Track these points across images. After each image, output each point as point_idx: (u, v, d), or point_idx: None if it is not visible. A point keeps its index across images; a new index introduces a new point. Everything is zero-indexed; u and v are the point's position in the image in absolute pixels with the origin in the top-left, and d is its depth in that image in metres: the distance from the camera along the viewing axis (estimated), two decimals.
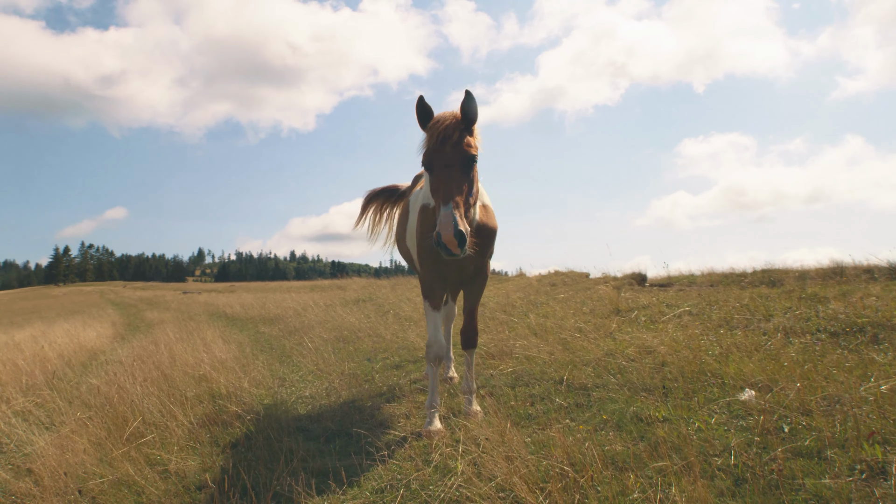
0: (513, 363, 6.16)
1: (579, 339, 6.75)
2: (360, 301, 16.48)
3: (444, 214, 3.68)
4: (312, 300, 18.05)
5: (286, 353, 8.94)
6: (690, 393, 4.59)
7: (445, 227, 3.63)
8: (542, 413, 4.61)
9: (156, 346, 8.81)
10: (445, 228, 3.63)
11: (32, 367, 9.79)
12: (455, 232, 3.62)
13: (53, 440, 4.47)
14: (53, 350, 12.06)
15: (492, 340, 7.22)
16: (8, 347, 13.64)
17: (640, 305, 9.09)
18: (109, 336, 15.44)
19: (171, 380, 6.41)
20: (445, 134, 3.96)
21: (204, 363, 6.97)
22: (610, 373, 5.35)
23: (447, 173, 3.89)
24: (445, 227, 3.64)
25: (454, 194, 3.80)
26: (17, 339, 15.40)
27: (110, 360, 9.38)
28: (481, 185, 4.93)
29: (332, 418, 5.10)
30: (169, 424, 4.79)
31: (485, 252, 4.72)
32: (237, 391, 5.96)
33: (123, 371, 7.15)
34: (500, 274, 26.31)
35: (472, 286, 4.94)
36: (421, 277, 4.97)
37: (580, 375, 5.36)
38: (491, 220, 4.78)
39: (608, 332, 7.07)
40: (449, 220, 3.65)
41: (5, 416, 5.50)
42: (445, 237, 3.62)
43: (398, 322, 10.51)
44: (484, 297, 13.07)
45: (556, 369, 5.68)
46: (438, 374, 4.78)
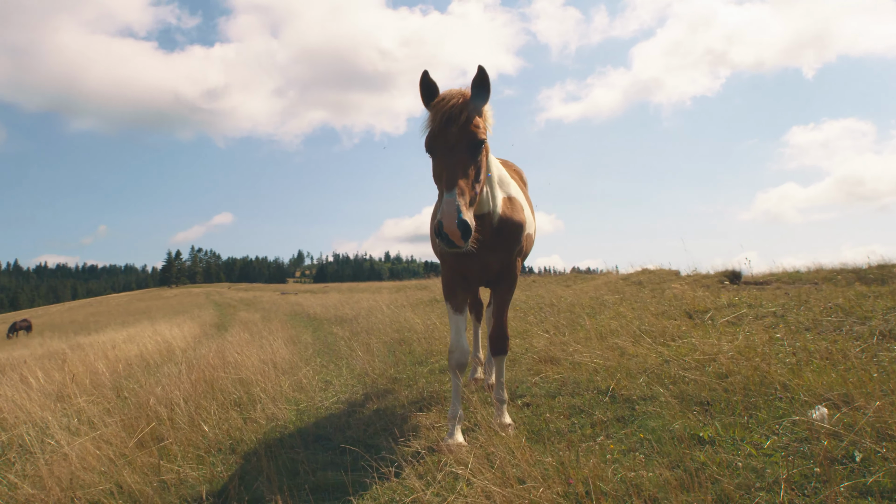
0: (562, 370, 5.67)
1: (640, 344, 6.15)
2: (435, 301, 16.31)
3: (446, 201, 3.32)
4: (389, 301, 18.05)
5: (343, 355, 8.81)
6: (751, 409, 3.97)
7: (448, 216, 3.26)
8: (577, 428, 4.13)
9: (218, 349, 8.93)
10: (448, 217, 3.26)
11: (115, 366, 10.25)
12: (459, 221, 3.25)
13: (78, 444, 4.45)
14: (139, 349, 12.65)
15: (547, 345, 6.73)
16: (101, 347, 14.48)
17: (719, 306, 8.29)
18: (195, 336, 16.05)
19: (217, 382, 6.40)
20: (451, 114, 3.57)
21: (250, 367, 6.92)
22: (663, 383, 4.76)
23: (452, 157, 3.50)
24: (448, 215, 3.27)
25: (459, 180, 3.40)
26: (115, 339, 16.36)
27: (180, 360, 9.58)
28: (505, 174, 4.52)
29: (358, 427, 4.83)
30: (190, 433, 4.68)
31: (510, 249, 4.30)
32: (273, 397, 5.82)
33: (178, 374, 7.25)
34: (587, 272, 25.51)
35: (499, 287, 4.52)
36: (442, 277, 4.61)
37: (630, 385, 4.82)
38: (517, 213, 4.34)
39: (675, 336, 6.41)
40: (452, 208, 3.27)
41: (54, 416, 5.61)
42: (447, 226, 3.25)
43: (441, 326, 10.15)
44: (555, 297, 12.52)
45: (605, 378, 5.15)
46: (461, 383, 4.40)
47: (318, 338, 11.75)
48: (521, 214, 4.38)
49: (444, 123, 3.56)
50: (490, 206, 4.12)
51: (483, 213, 4.08)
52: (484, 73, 3.63)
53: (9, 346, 28.01)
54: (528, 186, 6.04)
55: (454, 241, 3.27)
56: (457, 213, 3.25)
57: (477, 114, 3.67)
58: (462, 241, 3.28)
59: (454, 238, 3.26)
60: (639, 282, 16.01)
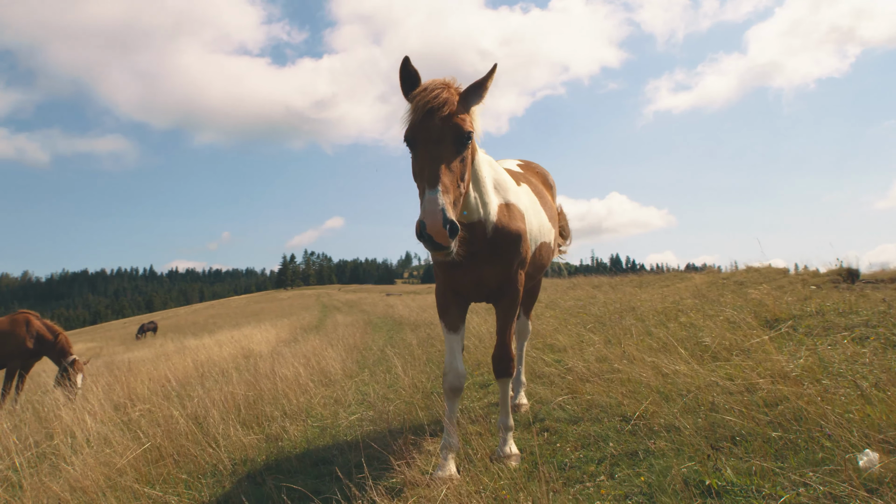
0: (598, 389, 5.13)
1: (698, 361, 5.49)
2: None
3: (428, 199, 2.95)
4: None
5: (397, 364, 8.62)
6: (790, 448, 3.33)
7: (431, 214, 2.90)
8: (583, 463, 3.65)
9: (271, 356, 9.02)
10: (431, 215, 2.90)
11: (188, 371, 10.65)
12: (444, 220, 2.88)
13: (80, 462, 4.50)
14: (221, 354, 13.14)
15: (593, 360, 6.18)
16: (196, 350, 15.22)
17: (808, 313, 7.34)
18: (281, 340, 16.53)
19: (251, 395, 6.40)
20: (434, 104, 3.19)
21: (290, 379, 6.88)
22: (697, 411, 4.15)
23: (434, 150, 3.14)
24: (431, 213, 2.90)
25: (443, 176, 3.04)
26: (210, 343, 17.16)
27: (243, 369, 9.77)
28: (506, 178, 4.10)
29: (367, 448, 4.56)
30: (196, 451, 4.62)
31: (508, 261, 3.88)
32: (298, 413, 5.70)
33: (225, 383, 7.34)
34: (702, 268, 23.94)
35: (500, 304, 4.09)
36: (435, 293, 4.24)
37: (660, 412, 4.24)
38: (514, 222, 3.91)
39: (740, 350, 5.68)
40: (435, 206, 2.91)
41: (94, 426, 5.77)
42: (431, 226, 2.88)
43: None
44: (636, 301, 11.72)
45: (637, 401, 4.59)
46: (457, 408, 4.03)
47: (389, 344, 11.67)
48: (519, 223, 3.95)
49: (427, 114, 3.20)
50: (481, 214, 3.72)
51: (473, 220, 3.70)
52: (493, 70, 3.36)
53: (135, 347, 30.39)
54: (556, 189, 5.58)
55: (440, 243, 2.91)
56: (441, 212, 2.90)
57: (464, 108, 3.33)
58: (448, 241, 2.92)
59: (439, 238, 2.89)
60: (741, 282, 14.79)
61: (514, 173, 4.82)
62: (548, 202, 4.92)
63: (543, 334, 8.52)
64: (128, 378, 9.04)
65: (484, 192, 3.73)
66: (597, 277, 23.71)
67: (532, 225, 4.34)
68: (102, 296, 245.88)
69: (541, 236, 4.51)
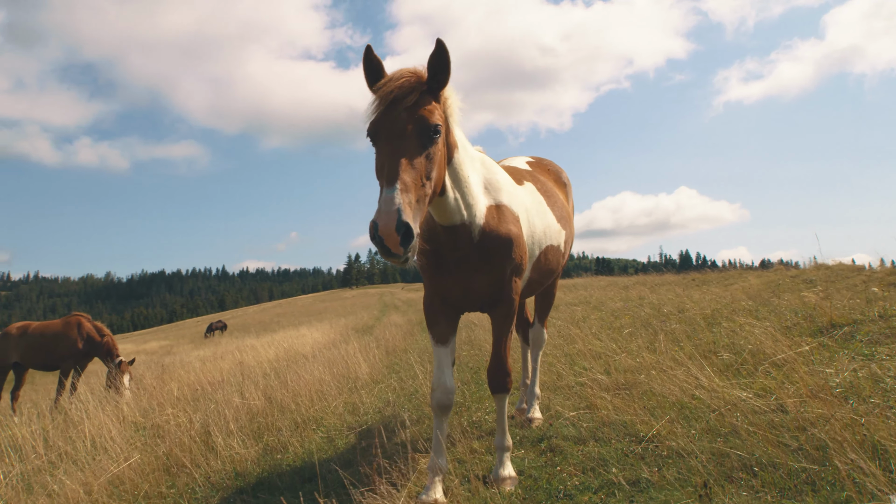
0: (616, 403, 4.73)
1: (731, 374, 5.01)
2: (571, 305, 15.40)
3: (384, 198, 2.66)
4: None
5: (427, 370, 8.38)
6: (810, 484, 2.88)
7: (385, 215, 2.60)
8: (578, 491, 3.30)
9: (304, 359, 8.95)
10: (384, 216, 2.60)
11: (227, 373, 10.73)
12: (398, 223, 2.58)
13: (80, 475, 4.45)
14: (267, 354, 13.26)
15: (618, 368, 5.76)
16: (251, 349, 15.45)
17: (870, 317, 6.66)
18: (332, 340, 16.56)
19: (277, 399, 6.31)
20: (397, 95, 2.90)
21: (311, 384, 6.75)
22: (716, 433, 3.72)
23: (396, 145, 2.83)
24: (385, 214, 2.61)
25: (402, 173, 2.74)
26: (259, 343, 17.42)
27: (281, 370, 9.75)
28: (500, 178, 3.77)
29: (360, 463, 4.34)
30: (192, 463, 4.51)
31: (499, 268, 3.56)
32: (307, 422, 5.54)
33: (254, 387, 7.29)
34: (779, 264, 22.66)
35: (493, 314, 3.77)
36: (423, 301, 3.95)
37: (676, 433, 3.83)
38: (505, 224, 3.58)
39: (782, 362, 5.14)
40: (391, 206, 2.62)
41: (111, 432, 5.78)
42: (383, 228, 2.58)
43: (563, 338, 9.26)
44: (688, 302, 11.08)
45: (655, 418, 4.18)
46: (446, 426, 3.73)
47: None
48: (510, 226, 3.61)
49: (389, 106, 2.91)
50: (465, 216, 3.42)
51: (455, 223, 3.40)
52: (442, 47, 2.93)
53: (203, 345, 31.36)
54: (572, 187, 5.20)
55: (390, 249, 2.61)
56: (396, 213, 2.60)
57: (432, 97, 3.01)
58: (400, 249, 2.61)
59: (390, 244, 2.59)
60: (809, 280, 13.84)
61: (517, 171, 4.49)
62: (558, 202, 4.55)
63: (580, 339, 8.09)
64: (166, 381, 9.17)
65: (467, 193, 3.42)
66: (660, 276, 22.90)
67: (535, 227, 4.01)
68: (178, 295, 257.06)
69: (546, 239, 4.16)
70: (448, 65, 2.99)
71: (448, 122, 3.19)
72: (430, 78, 3.01)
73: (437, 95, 3.06)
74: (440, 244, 3.52)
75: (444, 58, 2.97)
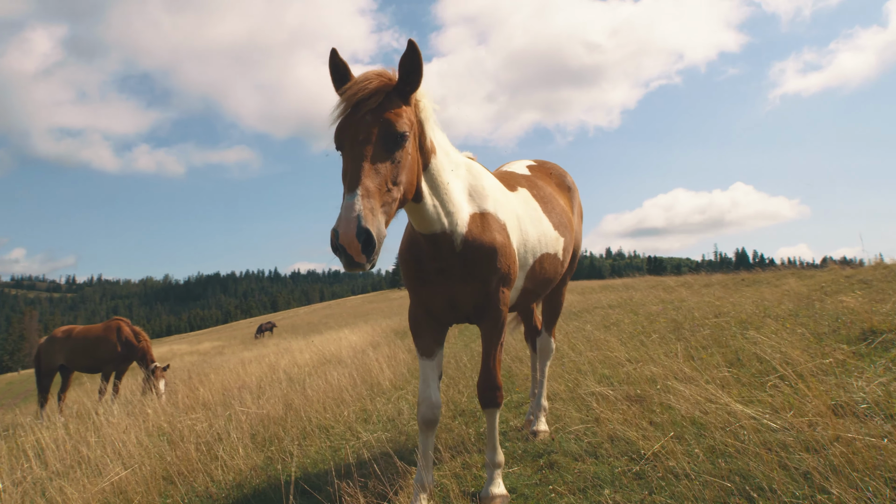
0: (628, 415, 4.52)
1: (747, 384, 4.73)
2: (609, 307, 15.03)
3: (345, 205, 2.56)
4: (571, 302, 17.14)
5: (452, 375, 8.26)
6: None
7: (345, 223, 2.50)
8: None
9: (329, 364, 8.96)
10: (345, 223, 2.50)
11: (260, 376, 10.85)
12: (358, 230, 2.48)
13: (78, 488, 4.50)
14: (303, 357, 13.37)
15: (636, 378, 5.53)
16: (279, 353, 15.64)
17: None
18: (369, 343, 16.60)
19: (290, 407, 6.31)
20: (361, 97, 2.79)
21: (337, 390, 6.72)
22: (724, 452, 3.48)
23: (360, 150, 2.71)
24: (345, 221, 2.50)
25: (365, 178, 2.63)
26: (299, 345, 17.63)
27: (311, 373, 9.80)
28: (486, 185, 3.63)
29: (348, 476, 4.26)
30: (193, 478, 4.52)
31: (484, 278, 3.42)
32: (315, 431, 5.50)
33: (275, 393, 7.32)
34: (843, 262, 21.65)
35: (481, 325, 3.63)
36: (408, 312, 3.83)
37: (678, 451, 3.61)
38: (489, 233, 3.44)
39: (812, 372, 4.83)
40: (351, 212, 2.51)
41: (126, 439, 5.87)
42: (343, 236, 2.48)
43: (589, 343, 9.00)
44: (727, 305, 10.63)
45: (662, 434, 3.96)
46: (432, 442, 3.61)
47: (466, 349, 11.30)
48: (494, 235, 3.46)
49: (353, 109, 2.81)
50: (445, 225, 3.29)
51: (435, 231, 3.29)
52: (413, 48, 2.82)
53: (252, 346, 32.05)
54: (577, 191, 5.00)
55: (353, 257, 2.51)
56: (356, 220, 2.50)
57: (401, 100, 2.89)
58: (362, 257, 2.51)
59: (352, 252, 2.49)
60: (865, 281, 13.12)
61: (513, 177, 4.33)
62: (556, 207, 4.37)
63: (605, 345, 7.84)
64: (195, 385, 9.32)
65: (447, 201, 3.29)
66: (708, 276, 22.15)
67: (528, 235, 3.85)
68: (232, 296, 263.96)
69: (541, 247, 3.99)
70: (420, 66, 2.87)
71: (422, 125, 3.08)
72: (400, 80, 2.90)
73: (408, 98, 2.95)
74: (421, 253, 3.41)
75: (415, 59, 2.85)
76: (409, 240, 3.50)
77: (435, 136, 3.28)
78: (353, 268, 2.54)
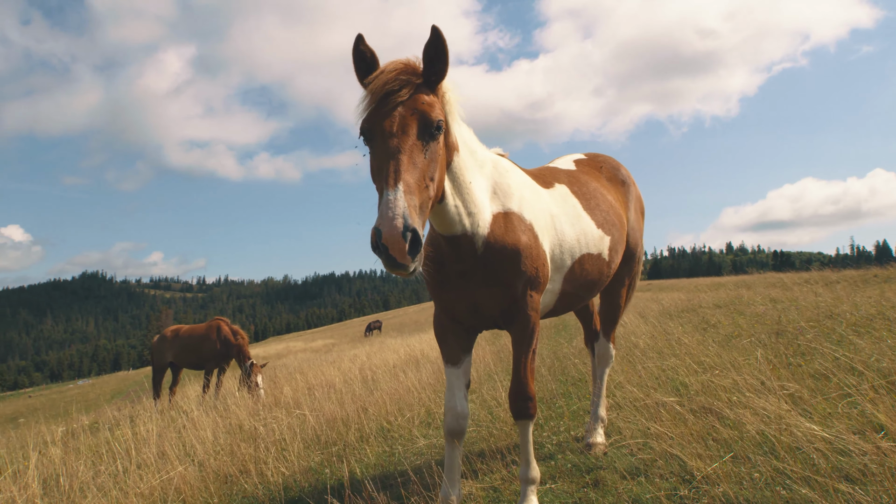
0: (690, 430, 4.12)
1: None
2: (712, 308, 14.12)
3: (386, 202, 2.36)
4: (678, 301, 16.31)
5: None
6: None
7: (388, 221, 2.31)
8: None
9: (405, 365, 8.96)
10: (388, 222, 2.31)
11: (346, 376, 11.06)
12: (404, 229, 2.30)
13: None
14: (396, 356, 13.52)
15: (713, 388, 5.05)
16: (373, 352, 15.92)
17: None
18: None
19: (363, 409, 6.36)
20: (391, 88, 2.63)
21: (405, 392, 6.71)
22: (788, 477, 3.06)
23: (395, 144, 2.55)
24: (388, 220, 2.31)
25: (405, 173, 2.46)
26: (395, 344, 17.89)
27: (389, 374, 9.85)
28: (513, 183, 3.41)
29: (404, 485, 4.15)
30: (243, 480, 4.61)
31: (509, 282, 3.21)
32: (371, 434, 5.47)
33: (351, 392, 7.42)
34: None
35: (511, 332, 3.41)
36: (433, 318, 3.66)
37: (732, 475, 3.21)
38: (513, 234, 3.22)
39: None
40: (395, 209, 2.33)
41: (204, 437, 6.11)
42: (387, 235, 2.30)
43: (676, 347, 8.40)
44: (846, 305, 9.60)
45: (721, 453, 3.55)
46: (458, 454, 3.42)
47: (553, 351, 10.97)
48: (519, 235, 3.23)
49: (382, 100, 2.64)
50: (466, 226, 3.11)
51: (456, 233, 3.11)
52: (437, 34, 2.65)
53: (360, 344, 33.10)
54: (633, 185, 4.63)
55: (396, 259, 2.32)
56: (403, 217, 2.32)
57: (429, 89, 2.74)
58: (407, 259, 2.33)
59: (396, 253, 2.31)
60: None
61: (552, 173, 4.06)
62: (603, 203, 4.04)
63: (693, 350, 7.28)
64: (281, 383, 9.64)
65: (469, 201, 3.10)
66: (837, 272, 20.25)
67: (564, 235, 3.59)
68: (347, 295, 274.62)
69: (581, 247, 3.71)
70: (445, 54, 2.70)
71: (447, 119, 2.90)
72: (425, 69, 2.74)
73: (435, 89, 2.79)
74: (443, 255, 3.25)
75: (440, 46, 2.68)
76: (430, 242, 3.34)
77: (459, 131, 3.10)
78: (397, 269, 2.37)
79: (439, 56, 2.70)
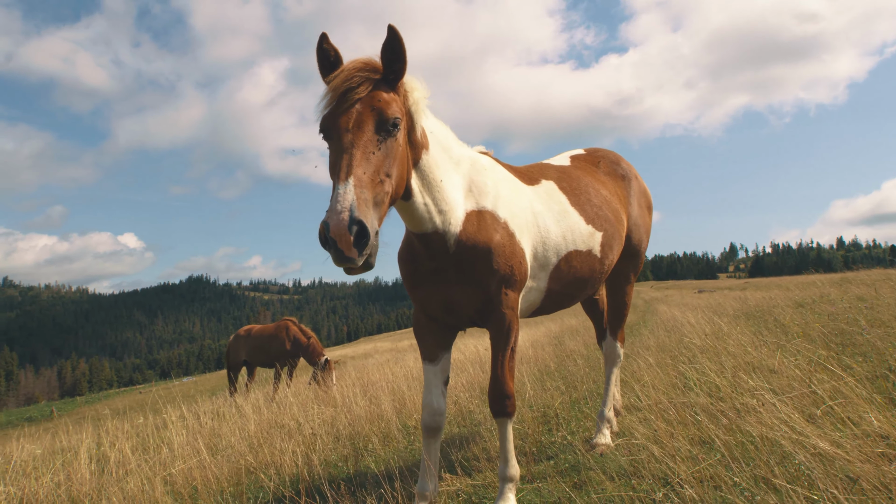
0: (703, 435, 3.95)
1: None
2: (801, 305, 13.30)
3: (335, 195, 2.42)
4: (776, 299, 15.53)
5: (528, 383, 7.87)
6: None
7: (336, 214, 2.35)
8: None
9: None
10: (335, 216, 2.35)
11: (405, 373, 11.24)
12: (350, 222, 2.35)
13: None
14: (459, 356, 13.57)
15: (745, 389, 4.82)
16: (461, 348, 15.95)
17: None
18: (547, 338, 16.33)
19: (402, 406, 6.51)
20: (348, 86, 2.68)
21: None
22: (769, 484, 2.90)
23: (350, 140, 2.60)
24: (336, 213, 2.35)
25: (357, 168, 2.50)
26: (478, 341, 17.92)
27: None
28: (489, 180, 3.42)
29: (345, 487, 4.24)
30: (262, 474, 4.83)
31: (482, 281, 3.24)
32: (397, 431, 5.59)
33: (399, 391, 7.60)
34: None
35: (489, 330, 3.41)
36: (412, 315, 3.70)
37: (722, 479, 3.07)
38: (485, 232, 3.24)
39: None
40: (343, 203, 2.37)
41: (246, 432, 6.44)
42: (334, 228, 2.33)
43: (722, 345, 7.99)
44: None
45: (712, 456, 3.40)
46: (434, 449, 3.46)
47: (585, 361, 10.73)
48: (491, 234, 3.24)
49: (341, 97, 2.69)
50: (437, 223, 3.15)
51: (427, 231, 3.17)
52: (393, 33, 2.71)
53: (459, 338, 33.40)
54: (634, 180, 4.49)
55: (343, 252, 2.36)
56: (350, 211, 2.36)
57: (388, 87, 2.79)
58: (353, 251, 2.37)
59: (342, 245, 2.34)
60: None
61: (540, 169, 4.03)
62: (595, 198, 3.96)
63: (739, 351, 6.93)
64: (338, 380, 9.94)
65: (440, 198, 3.14)
66: None
67: (548, 232, 3.57)
68: None
69: (567, 244, 3.66)
70: (403, 53, 2.76)
71: (412, 117, 2.96)
72: (385, 69, 2.80)
73: (395, 87, 2.84)
74: (416, 254, 3.31)
75: (396, 46, 2.74)
76: (406, 240, 3.42)
77: (430, 128, 3.15)
78: (344, 263, 2.41)
79: (397, 56, 2.76)
